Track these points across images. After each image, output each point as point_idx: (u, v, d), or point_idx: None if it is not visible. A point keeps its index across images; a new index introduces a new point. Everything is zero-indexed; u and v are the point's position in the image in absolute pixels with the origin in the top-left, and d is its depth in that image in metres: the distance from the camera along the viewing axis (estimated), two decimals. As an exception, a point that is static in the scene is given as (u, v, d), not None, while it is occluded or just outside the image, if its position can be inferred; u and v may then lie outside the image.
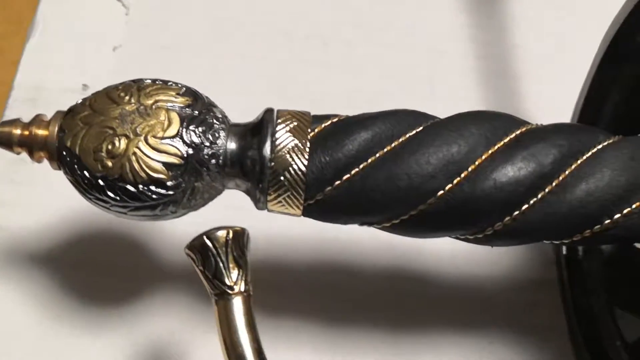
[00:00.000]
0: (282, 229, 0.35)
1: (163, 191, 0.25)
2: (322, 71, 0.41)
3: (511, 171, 0.26)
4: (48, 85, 0.37)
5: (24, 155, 0.28)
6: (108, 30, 0.40)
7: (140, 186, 0.25)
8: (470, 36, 0.43)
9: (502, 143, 0.26)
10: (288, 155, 0.25)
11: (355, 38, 0.43)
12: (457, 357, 0.34)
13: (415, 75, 0.42)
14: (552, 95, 0.39)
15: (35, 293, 0.33)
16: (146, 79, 0.27)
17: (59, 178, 0.27)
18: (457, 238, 0.27)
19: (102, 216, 0.34)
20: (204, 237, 0.24)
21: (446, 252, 0.36)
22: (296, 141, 0.25)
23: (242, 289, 0.24)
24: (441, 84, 0.42)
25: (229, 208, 0.30)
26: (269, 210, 0.26)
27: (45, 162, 0.27)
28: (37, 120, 0.26)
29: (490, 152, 0.26)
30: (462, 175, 0.25)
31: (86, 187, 0.25)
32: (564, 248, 0.37)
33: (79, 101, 0.26)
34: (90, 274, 0.33)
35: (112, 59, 0.39)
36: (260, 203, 0.26)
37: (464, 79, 0.42)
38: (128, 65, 0.39)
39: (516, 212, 0.26)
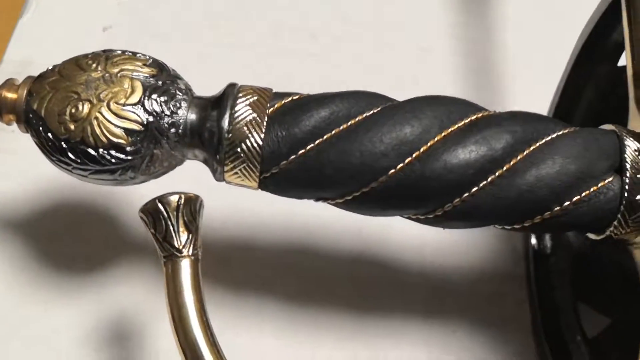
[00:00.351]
0: (252, 210, 0.36)
1: (122, 156, 0.26)
2: (308, 63, 0.42)
3: (462, 154, 0.26)
4: (37, 60, 0.39)
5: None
6: (100, 11, 0.41)
7: (101, 150, 0.26)
8: (457, 34, 0.44)
9: (456, 127, 0.27)
10: (245, 128, 0.26)
11: (344, 33, 0.44)
12: (419, 343, 0.35)
13: (401, 71, 0.42)
14: (532, 92, 0.39)
15: (10, 258, 0.34)
16: (116, 50, 0.28)
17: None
18: (409, 218, 0.28)
19: (79, 188, 0.35)
20: (157, 201, 0.25)
21: (415, 241, 0.37)
22: (255, 115, 0.26)
23: (191, 253, 0.25)
24: (426, 80, 0.42)
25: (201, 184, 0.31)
26: (226, 182, 0.27)
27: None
28: (8, 84, 0.27)
29: (443, 134, 0.26)
30: (414, 155, 0.26)
31: (50, 149, 0.26)
32: (533, 243, 0.38)
33: (49, 67, 0.27)
34: (64, 243, 0.34)
35: (102, 39, 0.40)
36: (217, 174, 0.27)
37: (449, 76, 0.42)
38: (116, 46, 0.40)
39: (465, 194, 0.26)
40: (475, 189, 0.26)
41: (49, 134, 0.26)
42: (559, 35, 0.42)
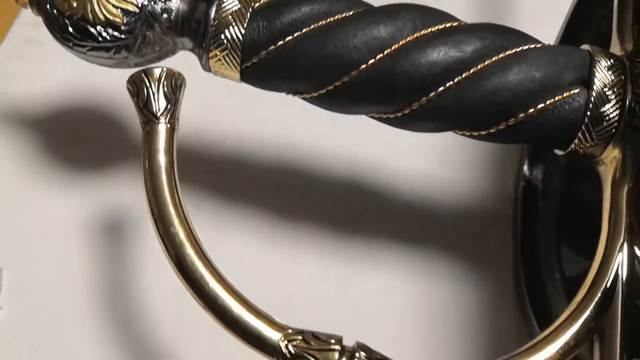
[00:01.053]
0: (253, 131, 0.38)
1: (117, 34, 0.28)
2: None
3: (431, 53, 0.27)
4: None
5: (37, 34, 0.31)
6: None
7: (98, 27, 0.28)
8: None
9: (429, 30, 0.28)
10: (230, 17, 0.28)
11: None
12: (397, 269, 0.36)
13: None
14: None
15: (21, 151, 0.36)
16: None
17: (66, 58, 0.30)
18: (379, 119, 0.29)
19: (95, 95, 0.38)
20: (141, 72, 0.27)
21: (406, 172, 0.38)
22: (240, 6, 0.28)
23: (167, 121, 0.27)
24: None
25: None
26: (213, 72, 0.29)
27: (55, 43, 0.30)
28: (23, -33, 0.30)
29: (415, 35, 0.28)
30: (385, 52, 0.27)
31: (55, 26, 0.29)
32: (523, 185, 0.38)
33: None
34: (73, 142, 0.36)
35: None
36: (203, 61, 0.29)
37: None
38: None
39: (432, 93, 0.28)
40: (441, 88, 0.28)
41: (55, 11, 0.28)
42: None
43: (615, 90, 0.27)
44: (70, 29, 0.28)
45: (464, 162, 0.39)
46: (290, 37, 0.28)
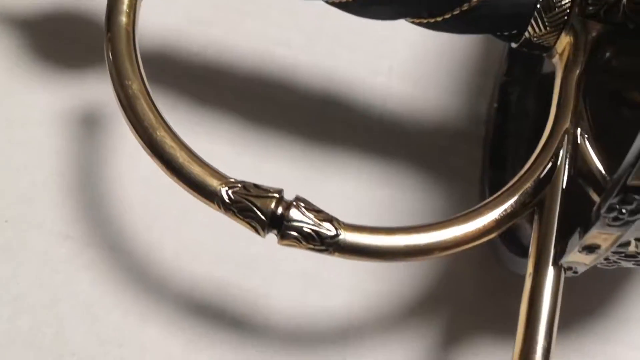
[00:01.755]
0: (236, 43, 0.39)
1: None
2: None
3: None
4: None
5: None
6: None
7: None
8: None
9: None
10: None
11: None
12: (364, 177, 0.36)
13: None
14: None
15: (9, 49, 0.38)
16: None
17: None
18: (337, 5, 0.30)
19: (83, 5, 0.39)
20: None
21: (381, 91, 0.38)
22: None
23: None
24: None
25: None
26: None
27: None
28: None
29: None
30: None
31: None
32: (495, 106, 0.39)
33: None
34: (56, 42, 0.37)
35: None
36: None
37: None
38: None
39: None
40: (396, -31, 0.28)
41: None
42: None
43: (567, -25, 0.28)
44: None
45: (440, 85, 0.39)
46: None
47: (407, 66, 0.39)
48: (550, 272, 0.25)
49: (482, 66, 0.40)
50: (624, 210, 0.22)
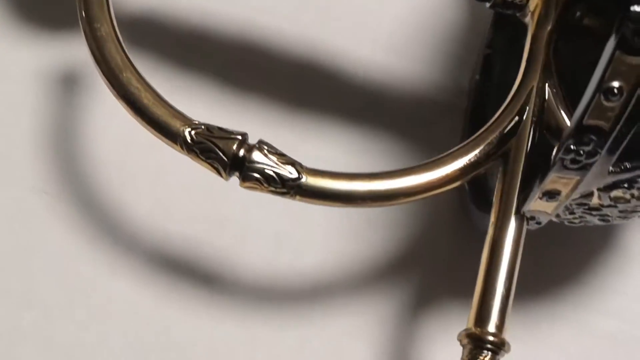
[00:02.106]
0: (221, 10, 0.39)
1: None
2: None
3: None
4: None
5: None
6: None
7: None
8: None
9: None
10: None
11: None
12: (342, 142, 0.36)
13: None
14: None
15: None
16: None
17: None
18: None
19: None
20: None
21: (363, 61, 0.38)
22: None
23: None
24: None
25: None
26: None
27: None
28: None
29: None
30: None
31: None
32: (477, 79, 0.39)
33: None
34: (44, 2, 0.38)
35: None
36: None
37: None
38: None
39: None
40: None
41: None
42: None
43: None
44: None
45: (424, 58, 0.39)
46: None
47: (392, 38, 0.39)
48: (513, 221, 0.25)
49: (466, 39, 0.40)
50: (581, 152, 0.22)
